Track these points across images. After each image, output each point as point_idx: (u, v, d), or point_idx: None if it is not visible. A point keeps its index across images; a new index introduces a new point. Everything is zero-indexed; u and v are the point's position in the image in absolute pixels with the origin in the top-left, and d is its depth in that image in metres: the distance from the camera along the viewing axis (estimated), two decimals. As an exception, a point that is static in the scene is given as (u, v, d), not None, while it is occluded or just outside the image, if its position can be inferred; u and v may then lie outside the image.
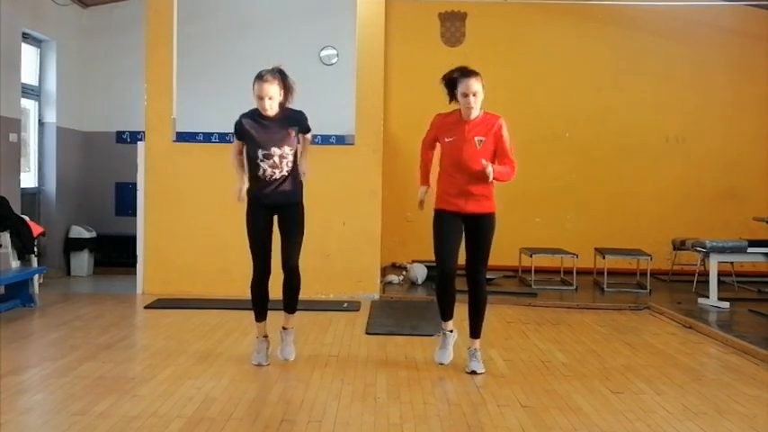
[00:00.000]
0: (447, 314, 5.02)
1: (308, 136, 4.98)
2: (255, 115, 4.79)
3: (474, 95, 4.71)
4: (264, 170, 4.76)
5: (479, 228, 4.82)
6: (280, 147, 4.74)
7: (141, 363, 5.04)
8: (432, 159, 5.02)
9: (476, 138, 4.75)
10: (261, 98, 4.70)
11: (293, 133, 4.80)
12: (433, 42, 10.07)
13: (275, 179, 4.79)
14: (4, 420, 3.79)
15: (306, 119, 4.91)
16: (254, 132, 4.76)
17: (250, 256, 4.93)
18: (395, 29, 9.67)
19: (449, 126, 4.82)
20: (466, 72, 4.76)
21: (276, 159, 4.75)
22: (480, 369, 4.85)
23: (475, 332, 4.97)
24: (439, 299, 5.02)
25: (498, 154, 4.81)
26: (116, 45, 9.69)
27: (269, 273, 4.90)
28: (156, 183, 7.81)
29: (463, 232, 4.86)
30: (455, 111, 4.85)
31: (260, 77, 4.70)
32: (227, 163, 5.04)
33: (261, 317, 5.01)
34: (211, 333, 5.94)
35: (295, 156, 4.85)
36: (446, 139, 4.81)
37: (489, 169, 4.62)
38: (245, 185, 4.83)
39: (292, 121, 4.82)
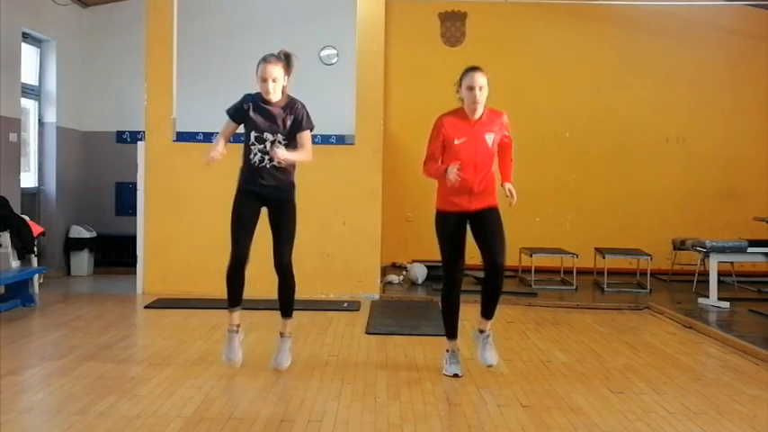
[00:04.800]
0: (452, 330, 4.88)
1: (304, 137, 4.72)
2: (257, 98, 4.71)
3: (480, 89, 4.65)
4: (255, 154, 4.65)
5: (486, 219, 4.74)
6: (273, 133, 4.64)
7: (141, 363, 5.04)
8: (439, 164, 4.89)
9: (486, 135, 4.72)
10: (264, 80, 4.62)
11: (287, 123, 4.67)
12: (433, 42, 10.07)
13: (266, 168, 4.66)
14: (4, 420, 3.79)
15: (305, 111, 4.74)
16: (251, 113, 4.66)
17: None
18: (395, 29, 9.67)
19: (458, 126, 4.73)
20: (471, 67, 4.74)
21: (268, 145, 4.64)
22: (495, 360, 4.79)
23: (488, 312, 4.82)
24: (444, 307, 4.89)
25: (502, 146, 4.81)
26: (116, 45, 9.68)
27: (246, 260, 4.71)
28: (156, 183, 7.81)
29: (465, 232, 4.79)
30: (458, 109, 4.78)
31: (264, 59, 4.65)
32: (227, 162, 4.84)
33: (235, 302, 4.76)
34: (211, 333, 5.93)
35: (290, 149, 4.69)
36: (456, 141, 4.70)
37: (514, 193, 4.74)
38: (221, 149, 4.61)
39: (291, 113, 4.70)
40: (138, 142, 7.97)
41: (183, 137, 8.51)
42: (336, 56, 9.80)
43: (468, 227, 4.80)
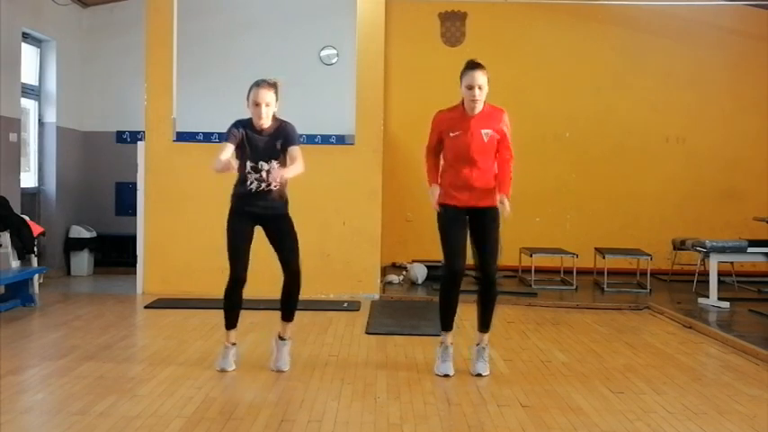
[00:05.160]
0: (448, 323, 4.88)
1: (293, 151, 4.68)
2: (248, 126, 4.71)
3: (479, 88, 4.63)
4: (251, 182, 4.69)
5: (485, 221, 4.74)
6: (267, 161, 4.64)
7: (141, 363, 5.04)
8: (438, 163, 4.89)
9: (482, 131, 4.69)
10: (257, 104, 4.63)
11: (278, 146, 4.68)
12: (433, 42, 10.07)
13: (263, 192, 4.71)
14: (4, 420, 3.79)
15: (293, 132, 4.74)
16: (245, 143, 4.68)
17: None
18: (395, 29, 9.67)
19: (453, 121, 4.74)
20: (471, 65, 4.70)
21: (264, 174, 4.67)
22: (486, 371, 4.79)
23: (484, 325, 4.86)
24: (442, 301, 4.87)
25: (500, 146, 4.73)
26: (116, 45, 9.68)
27: (244, 281, 4.76)
28: (156, 183, 7.81)
29: (468, 228, 4.79)
30: (457, 105, 4.78)
31: (256, 84, 4.67)
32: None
33: (232, 326, 4.85)
34: (211, 333, 5.93)
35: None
36: (451, 134, 4.72)
37: (507, 205, 4.60)
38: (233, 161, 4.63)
39: (281, 135, 4.70)
40: (138, 142, 7.97)
41: (183, 137, 8.50)
42: (336, 56, 9.79)
43: (468, 221, 4.79)
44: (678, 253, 8.89)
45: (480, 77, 4.64)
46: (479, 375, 4.78)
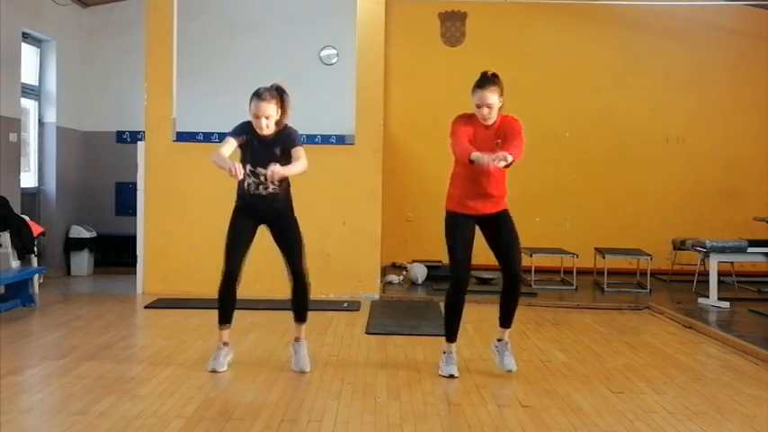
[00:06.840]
0: (453, 333, 4.84)
1: (296, 151, 4.65)
2: (251, 131, 4.69)
3: (489, 107, 4.58)
4: (249, 184, 4.70)
5: (500, 222, 4.73)
6: (265, 167, 4.60)
7: (141, 363, 5.03)
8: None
9: (496, 141, 4.67)
10: (257, 117, 4.61)
11: (278, 152, 4.65)
12: (433, 42, 10.07)
13: (261, 194, 4.72)
14: (4, 420, 3.79)
15: (294, 135, 4.72)
16: (246, 147, 4.68)
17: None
18: (395, 29, 9.67)
19: (474, 129, 4.68)
20: (481, 82, 4.60)
21: (262, 178, 4.67)
22: (514, 366, 4.78)
23: (506, 321, 4.84)
24: (448, 309, 4.82)
25: (510, 140, 4.62)
26: (116, 45, 9.68)
27: (238, 276, 4.76)
28: (156, 183, 7.81)
29: (474, 236, 4.75)
30: (473, 115, 4.71)
31: (257, 95, 4.61)
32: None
33: (225, 322, 4.84)
34: (211, 333, 5.90)
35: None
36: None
37: (497, 157, 4.33)
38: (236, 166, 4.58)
39: (280, 141, 4.69)
40: (138, 142, 7.97)
41: (183, 137, 8.50)
42: (336, 56, 9.79)
43: (480, 229, 4.77)
44: (678, 253, 8.89)
45: (489, 97, 4.56)
46: (510, 371, 4.76)
